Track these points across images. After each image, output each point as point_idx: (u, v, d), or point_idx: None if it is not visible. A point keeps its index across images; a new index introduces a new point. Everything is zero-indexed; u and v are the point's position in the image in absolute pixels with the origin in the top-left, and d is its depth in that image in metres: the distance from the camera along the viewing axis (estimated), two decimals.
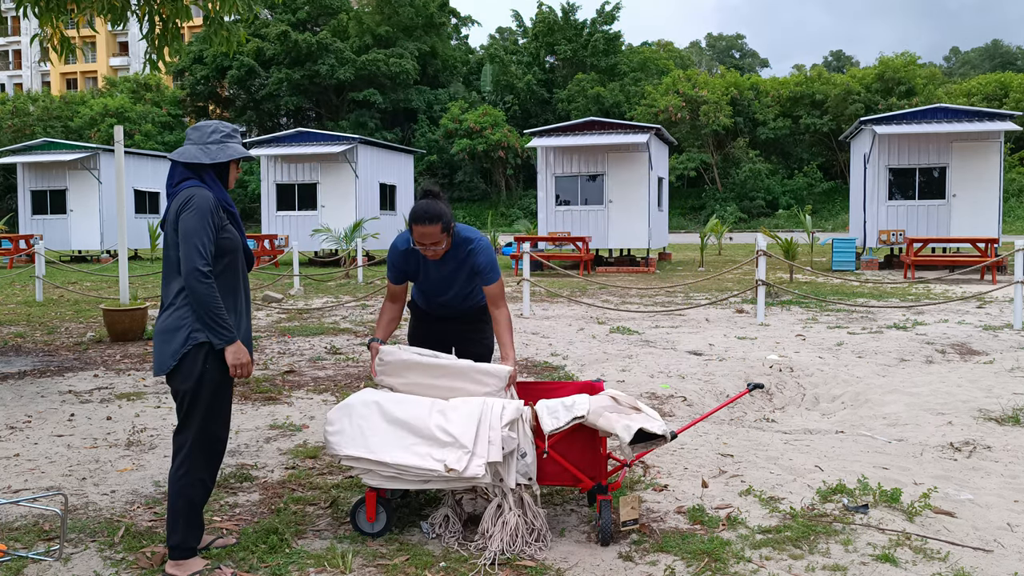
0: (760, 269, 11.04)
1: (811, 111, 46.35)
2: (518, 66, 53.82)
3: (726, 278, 17.10)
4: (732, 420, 6.22)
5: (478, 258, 4.17)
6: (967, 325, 10.12)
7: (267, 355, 8.77)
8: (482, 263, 4.16)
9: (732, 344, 9.09)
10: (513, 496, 3.67)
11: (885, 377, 7.34)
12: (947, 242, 17.78)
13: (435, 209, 3.97)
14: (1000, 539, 3.73)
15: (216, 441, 3.48)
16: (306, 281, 17.23)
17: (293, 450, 5.20)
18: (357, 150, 22.66)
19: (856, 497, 4.20)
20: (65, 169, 24.78)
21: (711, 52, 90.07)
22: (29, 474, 4.75)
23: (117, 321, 9.63)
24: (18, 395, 6.82)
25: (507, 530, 3.60)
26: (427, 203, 4.00)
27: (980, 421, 5.74)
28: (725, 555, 3.54)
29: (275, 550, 3.63)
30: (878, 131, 18.57)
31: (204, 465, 3.44)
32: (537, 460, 3.75)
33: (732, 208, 43.96)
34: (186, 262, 3.29)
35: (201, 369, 3.35)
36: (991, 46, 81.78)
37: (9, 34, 79.93)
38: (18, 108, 51.85)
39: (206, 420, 3.41)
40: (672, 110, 44.59)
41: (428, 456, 3.61)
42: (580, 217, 20.45)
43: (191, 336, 3.34)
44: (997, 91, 44.68)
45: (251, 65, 49.71)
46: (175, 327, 3.36)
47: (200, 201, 3.34)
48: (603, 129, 20.53)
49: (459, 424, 3.65)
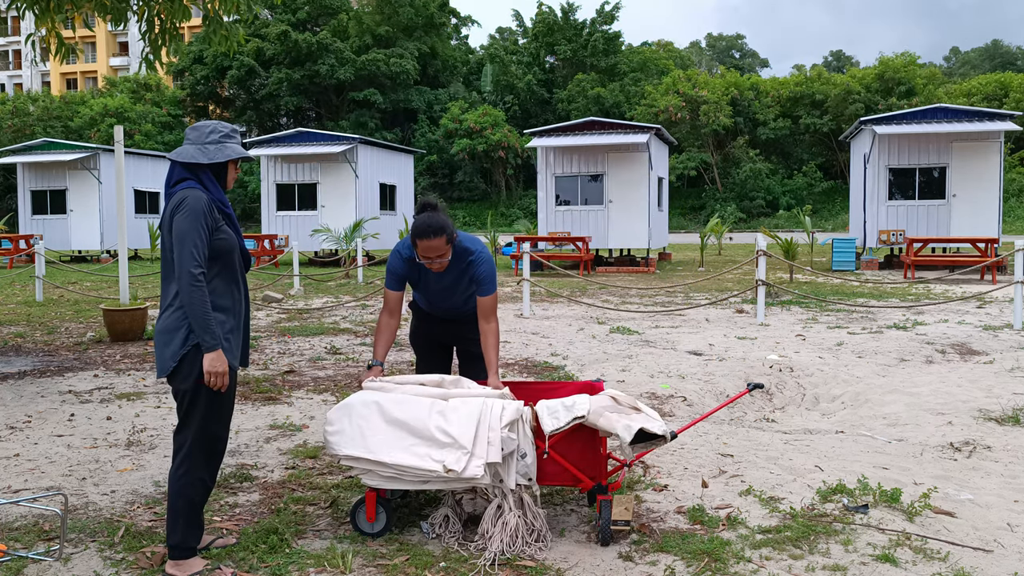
0: (760, 269, 11.04)
1: (811, 111, 46.36)
2: (518, 66, 53.84)
3: (726, 278, 17.10)
4: (732, 420, 6.22)
5: (478, 269, 4.19)
6: (967, 325, 10.12)
7: (267, 355, 8.77)
8: (482, 274, 4.19)
9: (732, 344, 9.09)
10: (513, 497, 3.67)
11: (885, 377, 7.34)
12: (947, 242, 17.78)
13: (438, 222, 3.99)
14: (1000, 539, 3.73)
15: (216, 441, 3.48)
16: (306, 281, 17.23)
17: (293, 450, 5.20)
18: (357, 150, 22.66)
19: (856, 497, 4.20)
20: (65, 169, 24.78)
21: (711, 52, 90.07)
22: (29, 474, 4.75)
23: (117, 321, 9.63)
24: (18, 395, 6.82)
25: (507, 531, 3.59)
26: (429, 216, 4.02)
27: (980, 421, 5.74)
28: (725, 555, 3.54)
29: (275, 550, 3.63)
30: (878, 131, 18.57)
31: (204, 465, 3.44)
32: (537, 460, 3.75)
33: (732, 208, 43.97)
34: (179, 265, 3.29)
35: (200, 369, 3.35)
36: (991, 46, 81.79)
37: (9, 34, 79.95)
38: (18, 108, 51.85)
39: (206, 420, 3.41)
40: (672, 110, 44.61)
41: (427, 457, 3.61)
42: (580, 217, 20.45)
43: (190, 337, 3.34)
44: (997, 91, 44.69)
45: (251, 65, 49.72)
46: (174, 328, 3.37)
47: (193, 203, 3.33)
48: (603, 129, 20.53)
49: (458, 425, 3.65)
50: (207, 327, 3.30)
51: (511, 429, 3.65)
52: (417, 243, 4.01)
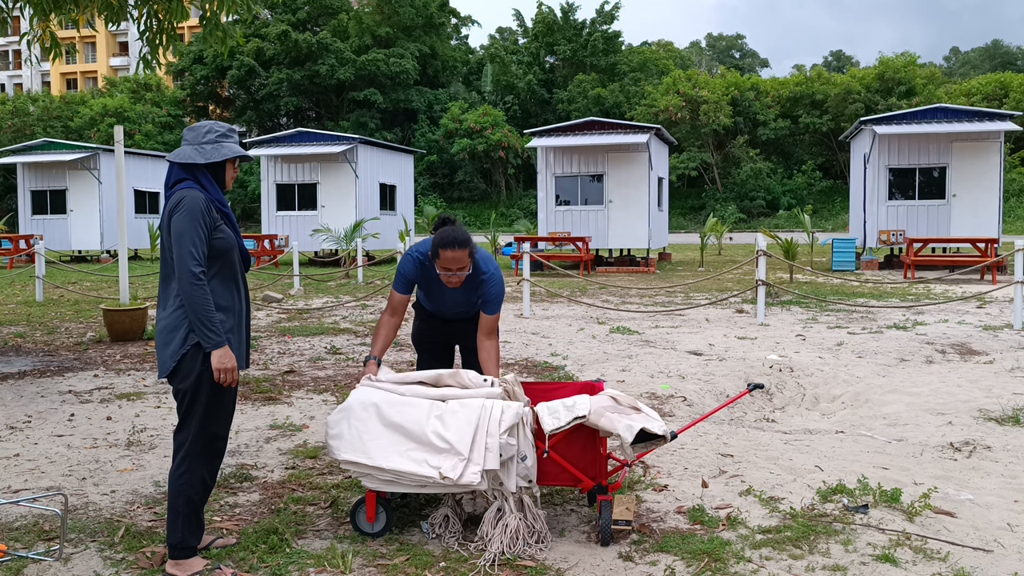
0: (760, 269, 11.04)
1: (811, 111, 46.35)
2: (518, 66, 53.83)
3: (726, 278, 17.10)
4: (732, 420, 6.22)
5: (489, 289, 4.21)
6: (967, 325, 10.12)
7: (267, 355, 8.77)
8: (492, 294, 4.21)
9: (732, 344, 9.09)
10: (513, 499, 3.67)
11: (885, 377, 7.34)
12: (947, 242, 17.77)
13: (464, 234, 4.03)
14: (1000, 539, 3.73)
15: (216, 440, 3.47)
16: (306, 281, 17.22)
17: (293, 450, 5.20)
18: (357, 150, 22.66)
19: (856, 497, 4.20)
20: (65, 169, 24.78)
21: (711, 52, 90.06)
22: (29, 474, 4.75)
23: (117, 321, 9.63)
24: (18, 395, 6.82)
25: (507, 533, 3.59)
26: (454, 228, 4.06)
27: (980, 421, 5.74)
28: (725, 555, 3.54)
29: (275, 550, 3.63)
30: (878, 131, 18.56)
31: (204, 464, 3.44)
32: (537, 460, 3.75)
33: (732, 208, 43.96)
34: (179, 264, 3.29)
35: (200, 368, 3.35)
36: (991, 46, 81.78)
37: (9, 34, 79.89)
38: (18, 108, 51.83)
39: (205, 418, 3.41)
40: (672, 110, 44.59)
41: (424, 462, 3.60)
42: (580, 217, 20.45)
43: (189, 336, 3.35)
44: (997, 91, 44.68)
45: (251, 65, 49.71)
46: (174, 327, 3.37)
47: (190, 202, 3.33)
48: (603, 129, 20.52)
49: (456, 430, 3.64)
50: (210, 324, 3.30)
51: (511, 434, 3.64)
52: (441, 253, 4.02)
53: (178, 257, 3.30)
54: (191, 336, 3.34)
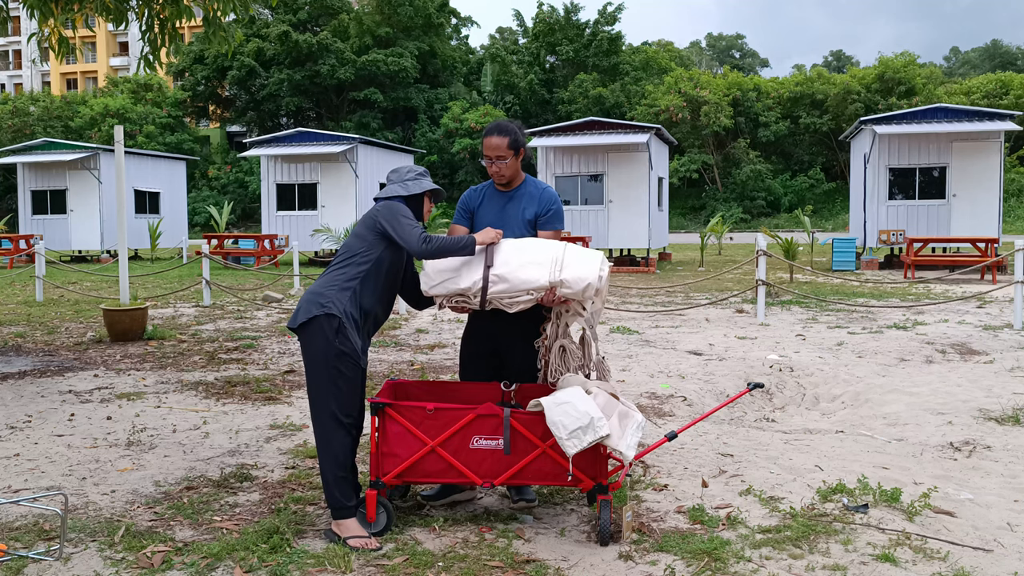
0: (760, 269, 11.04)
1: (811, 111, 46.33)
2: (519, 66, 53.82)
3: (726, 278, 17.10)
4: (732, 420, 6.22)
5: (552, 204, 4.29)
6: (967, 325, 10.12)
7: (267, 355, 8.77)
8: (554, 207, 4.30)
9: (732, 344, 9.09)
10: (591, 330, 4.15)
11: (885, 377, 7.34)
12: (947, 242, 17.79)
13: (508, 125, 4.17)
14: (1000, 539, 3.73)
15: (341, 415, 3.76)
16: (306, 281, 17.21)
17: (293, 450, 5.21)
18: (357, 150, 22.66)
19: (856, 497, 4.21)
20: (65, 169, 24.77)
21: (711, 52, 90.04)
22: (29, 474, 4.76)
23: (117, 321, 9.63)
24: (18, 395, 6.82)
25: (566, 359, 4.03)
26: (502, 120, 4.30)
27: (980, 421, 5.75)
28: (725, 555, 3.54)
29: (276, 550, 3.64)
30: (878, 131, 18.56)
31: (335, 426, 3.74)
32: (537, 460, 3.75)
33: (733, 208, 43.95)
34: (406, 242, 3.83)
35: (318, 341, 3.72)
36: (991, 46, 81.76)
37: (9, 34, 79.91)
38: (18, 108, 51.80)
39: (325, 393, 3.75)
40: (673, 110, 44.57)
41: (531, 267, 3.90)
42: (580, 217, 20.45)
43: (326, 305, 3.74)
44: (997, 91, 44.66)
45: (252, 65, 49.69)
46: (321, 290, 3.81)
47: (394, 204, 3.95)
48: (603, 129, 20.53)
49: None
50: (457, 242, 3.86)
51: None
52: (484, 141, 4.17)
53: (401, 236, 3.83)
54: (327, 306, 3.74)
